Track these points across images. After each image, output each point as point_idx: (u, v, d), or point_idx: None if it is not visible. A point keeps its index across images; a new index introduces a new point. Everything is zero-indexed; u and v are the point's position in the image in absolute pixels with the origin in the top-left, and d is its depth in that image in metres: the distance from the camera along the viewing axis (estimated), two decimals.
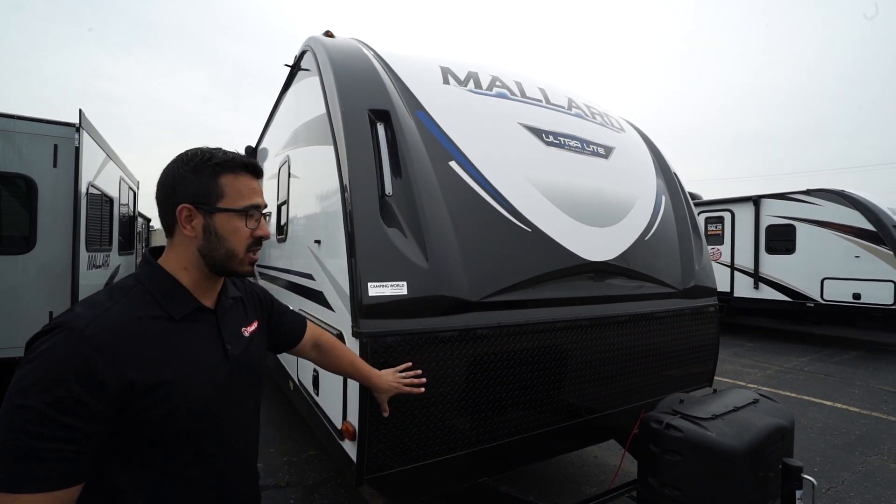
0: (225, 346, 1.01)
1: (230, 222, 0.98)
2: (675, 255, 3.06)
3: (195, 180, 0.95)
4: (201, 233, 0.96)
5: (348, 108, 2.13)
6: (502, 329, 2.09)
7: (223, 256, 0.98)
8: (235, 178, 0.98)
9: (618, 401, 2.59)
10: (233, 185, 0.98)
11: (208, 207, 0.96)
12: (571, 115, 2.99)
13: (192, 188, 0.95)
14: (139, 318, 0.88)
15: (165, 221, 0.98)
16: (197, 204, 0.95)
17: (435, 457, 1.95)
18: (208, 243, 0.96)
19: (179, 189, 0.95)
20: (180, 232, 0.96)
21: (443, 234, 2.03)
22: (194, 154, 0.97)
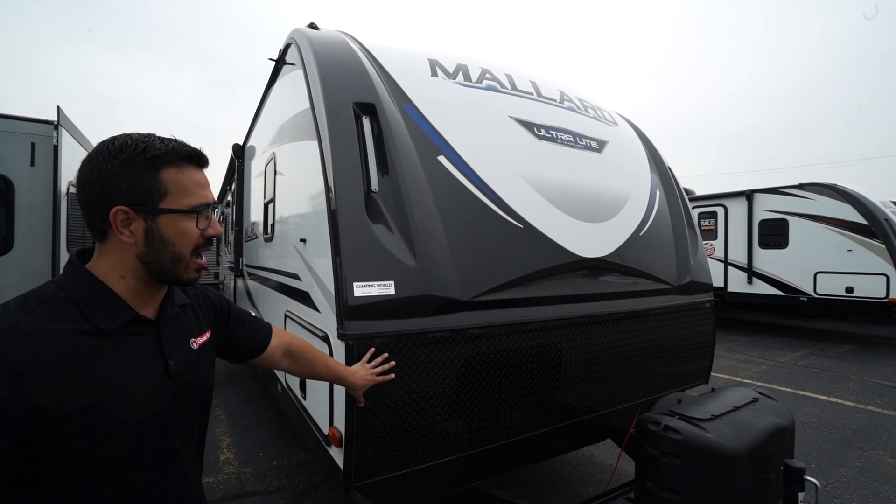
0: (166, 361, 0.88)
1: (177, 224, 0.85)
2: (670, 250, 3.00)
3: (129, 177, 0.80)
4: (142, 237, 0.83)
5: (332, 101, 2.05)
6: (494, 329, 2.03)
7: (169, 262, 0.85)
8: (179, 172, 0.85)
9: (614, 400, 2.54)
10: (177, 181, 0.84)
11: (150, 209, 0.82)
12: (563, 108, 2.92)
13: (128, 187, 0.80)
14: (58, 332, 0.74)
15: (94, 225, 0.83)
16: (135, 205, 0.81)
17: (426, 461, 1.89)
18: (151, 249, 0.84)
19: (110, 188, 0.80)
20: (115, 237, 0.82)
21: (431, 232, 1.96)
22: (123, 144, 0.81)
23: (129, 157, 0.80)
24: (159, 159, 0.82)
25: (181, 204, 0.85)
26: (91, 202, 0.81)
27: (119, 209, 0.80)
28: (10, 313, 0.73)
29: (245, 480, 3.40)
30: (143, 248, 0.83)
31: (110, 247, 0.84)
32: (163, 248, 0.84)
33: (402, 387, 1.78)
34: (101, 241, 0.84)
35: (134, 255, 0.83)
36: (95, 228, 0.83)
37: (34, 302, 0.76)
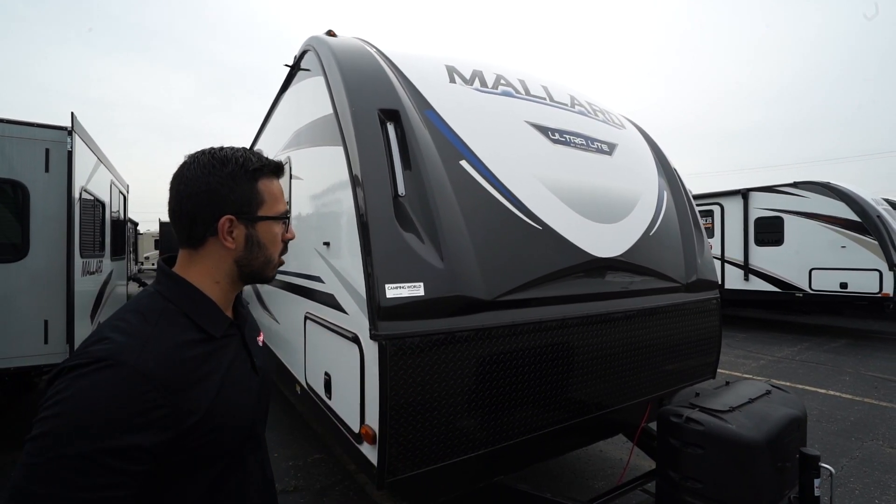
0: (252, 359, 0.96)
1: (270, 229, 0.93)
2: (678, 249, 3.09)
3: (235, 188, 0.87)
4: (243, 243, 0.90)
5: (358, 108, 2.11)
6: (517, 327, 2.10)
7: (261, 264, 0.93)
8: (270, 183, 0.93)
9: (626, 395, 2.62)
10: (269, 191, 0.92)
11: (251, 217, 0.90)
12: (575, 112, 3.00)
13: (234, 197, 0.87)
14: (184, 342, 0.80)
15: (195, 233, 0.88)
16: (239, 214, 0.88)
17: (454, 457, 1.95)
18: (249, 253, 0.91)
19: (218, 199, 0.86)
20: (215, 243, 0.88)
21: (457, 234, 2.02)
22: (225, 159, 0.88)
23: (233, 171, 0.87)
24: (258, 171, 0.90)
25: (273, 211, 0.93)
26: (198, 212, 0.86)
27: (227, 218, 0.87)
28: (139, 328, 0.77)
29: None
30: (241, 252, 0.90)
31: (206, 253, 0.89)
32: (259, 251, 0.92)
33: (432, 385, 1.85)
34: (194, 249, 0.90)
35: (232, 259, 0.90)
36: (195, 237, 0.88)
37: (153, 315, 0.81)
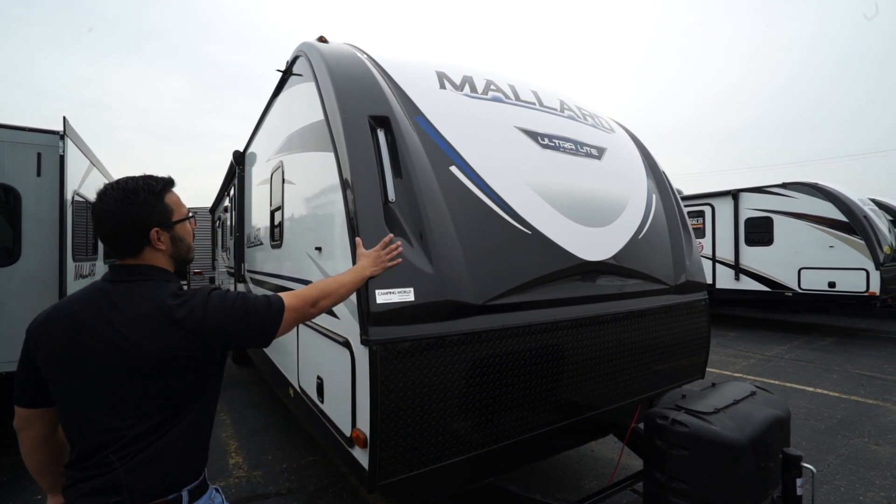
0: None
1: (184, 227, 1.28)
2: (666, 252, 3.14)
3: (152, 208, 1.18)
4: (169, 243, 1.23)
5: (349, 114, 2.13)
6: (507, 331, 2.13)
7: (185, 252, 1.29)
8: (171, 195, 1.25)
9: (616, 396, 2.66)
10: (173, 201, 1.25)
11: (169, 224, 1.22)
12: (564, 117, 3.03)
13: (153, 214, 1.18)
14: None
15: (133, 247, 1.18)
16: (161, 225, 1.20)
17: (446, 459, 1.98)
18: (175, 248, 1.25)
19: (143, 219, 1.16)
20: (151, 248, 1.20)
21: (446, 239, 2.05)
22: (136, 189, 1.16)
23: (146, 197, 1.17)
24: (163, 191, 1.22)
25: (181, 214, 1.27)
26: (129, 234, 1.16)
27: (154, 230, 1.18)
28: (191, 291, 1.19)
29: (256, 483, 3.46)
30: (171, 249, 1.24)
31: (146, 257, 1.20)
32: (181, 244, 1.27)
33: (423, 389, 1.87)
34: (137, 256, 1.19)
35: (166, 255, 1.24)
36: (135, 249, 1.18)
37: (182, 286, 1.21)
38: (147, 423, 1.08)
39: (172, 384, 1.11)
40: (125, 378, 1.06)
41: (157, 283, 1.16)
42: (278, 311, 1.26)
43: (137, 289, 1.13)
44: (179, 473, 1.13)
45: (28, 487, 3.42)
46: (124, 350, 1.05)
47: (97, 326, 1.07)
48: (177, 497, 1.11)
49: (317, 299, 1.41)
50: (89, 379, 1.07)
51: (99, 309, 1.09)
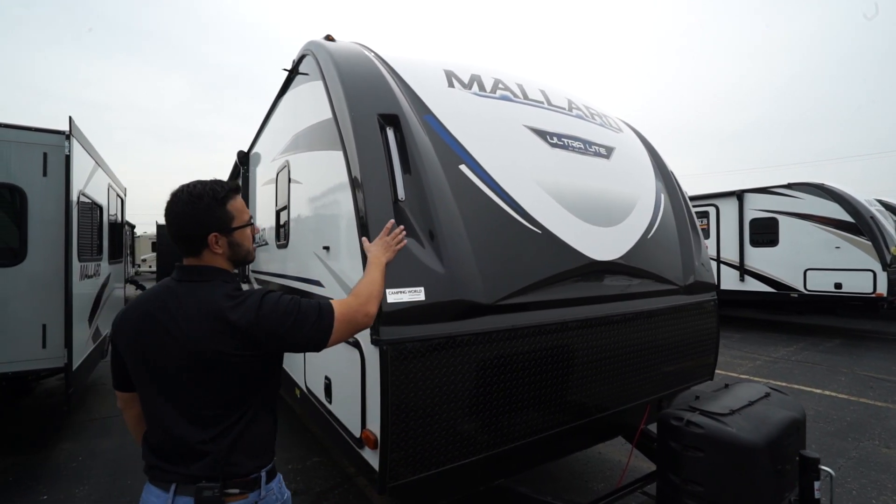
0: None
1: (243, 233, 1.33)
2: (675, 252, 3.11)
3: (213, 214, 1.25)
4: (227, 247, 1.29)
5: (357, 113, 2.11)
6: (517, 331, 2.11)
7: (243, 256, 1.35)
8: (235, 202, 1.30)
9: (626, 398, 2.63)
10: (235, 208, 1.30)
11: (228, 230, 1.28)
12: (573, 116, 3.01)
13: (213, 220, 1.25)
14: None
15: (194, 248, 1.27)
16: (220, 230, 1.26)
17: (456, 461, 1.96)
18: (233, 252, 1.31)
19: (203, 224, 1.24)
20: (209, 251, 1.26)
21: (457, 238, 2.03)
22: (200, 194, 1.24)
23: (209, 203, 1.24)
24: (226, 198, 1.27)
25: (241, 221, 1.32)
26: (191, 235, 1.25)
27: (213, 235, 1.25)
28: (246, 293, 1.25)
29: None
30: (228, 252, 1.30)
31: (206, 258, 1.28)
32: (239, 249, 1.32)
33: (434, 389, 1.85)
34: (198, 257, 1.27)
35: (224, 258, 1.31)
36: (195, 251, 1.27)
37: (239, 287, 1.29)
38: (220, 410, 1.18)
39: (230, 379, 1.18)
40: (187, 370, 1.16)
41: (216, 284, 1.23)
42: (328, 319, 1.29)
43: (198, 289, 1.21)
44: (258, 456, 1.23)
45: (33, 487, 3.41)
46: (184, 345, 1.15)
47: (164, 321, 1.18)
48: (256, 477, 1.22)
49: (365, 304, 1.46)
50: (158, 368, 1.18)
51: (166, 305, 1.20)
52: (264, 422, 1.27)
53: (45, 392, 5.77)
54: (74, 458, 3.91)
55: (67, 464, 3.80)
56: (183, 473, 1.15)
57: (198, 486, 1.13)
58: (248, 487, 1.19)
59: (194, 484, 1.13)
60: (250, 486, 1.19)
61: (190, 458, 1.16)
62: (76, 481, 3.50)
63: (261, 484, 1.21)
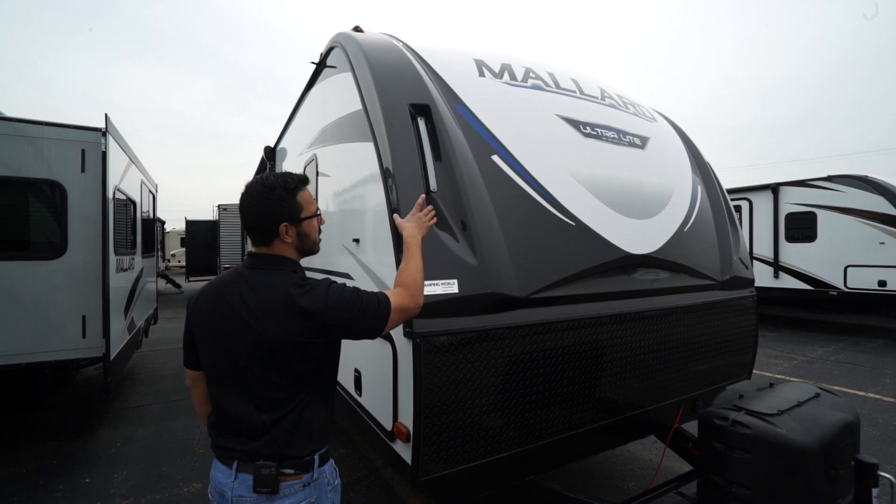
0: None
1: (311, 223, 1.39)
2: (713, 246, 3.00)
3: (284, 205, 1.31)
4: (296, 237, 1.36)
5: (388, 103, 2.09)
6: (551, 325, 2.06)
7: (310, 246, 1.41)
8: (304, 192, 1.38)
9: (660, 396, 2.55)
10: (304, 199, 1.37)
11: (297, 220, 1.34)
12: (605, 105, 2.92)
13: (284, 210, 1.31)
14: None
15: (266, 237, 1.33)
16: (290, 220, 1.32)
17: (488, 456, 1.93)
18: (301, 242, 1.37)
19: (275, 214, 1.30)
20: (280, 240, 1.33)
21: (489, 230, 1.99)
22: (273, 185, 1.31)
23: (280, 193, 1.30)
24: (296, 189, 1.34)
25: (310, 212, 1.38)
26: (264, 225, 1.31)
27: (283, 224, 1.31)
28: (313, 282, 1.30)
29: None
30: (297, 242, 1.37)
31: (276, 247, 1.34)
32: (307, 239, 1.39)
33: (467, 383, 1.82)
34: (269, 246, 1.34)
35: (293, 248, 1.37)
36: (268, 240, 1.33)
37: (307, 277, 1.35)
38: (282, 393, 1.24)
39: (298, 363, 1.24)
40: (258, 354, 1.22)
41: (286, 274, 1.29)
42: (386, 309, 1.33)
43: (269, 277, 1.28)
44: (314, 440, 1.29)
45: (75, 471, 3.54)
46: (254, 330, 1.21)
47: (236, 306, 1.24)
48: (310, 460, 1.27)
49: (415, 294, 1.48)
50: (228, 351, 1.25)
51: (239, 291, 1.27)
52: (321, 408, 1.32)
53: (83, 381, 6.00)
54: (112, 444, 4.05)
55: (106, 450, 3.94)
56: (244, 451, 1.22)
57: (256, 464, 1.19)
58: (303, 469, 1.24)
59: (253, 462, 1.20)
60: (304, 467, 1.25)
61: (250, 437, 1.23)
62: (115, 466, 3.62)
63: (314, 466, 1.27)
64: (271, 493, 1.19)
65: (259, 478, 1.18)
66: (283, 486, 1.21)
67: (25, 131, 3.56)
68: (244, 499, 1.20)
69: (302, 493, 1.24)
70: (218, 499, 1.27)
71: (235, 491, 1.21)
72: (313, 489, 1.27)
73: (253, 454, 1.21)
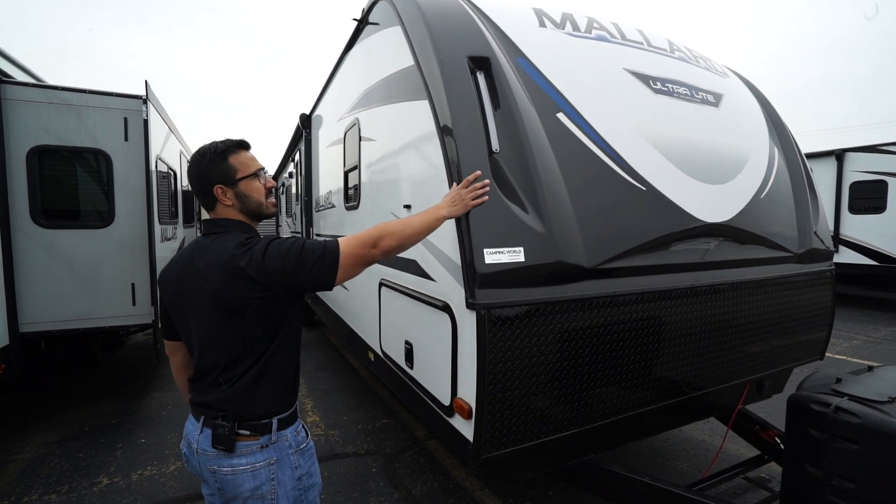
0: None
1: (250, 185, 1.35)
2: (790, 215, 2.73)
3: (213, 167, 1.31)
4: (234, 199, 1.34)
5: (445, 56, 1.91)
6: (618, 298, 1.90)
7: (255, 207, 1.37)
8: (238, 155, 1.35)
9: (728, 375, 2.38)
10: (239, 161, 1.34)
11: (231, 181, 1.32)
12: (675, 58, 2.64)
13: (217, 172, 1.31)
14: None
15: (208, 202, 1.36)
16: (224, 182, 1.31)
17: (549, 434, 1.83)
18: (243, 204, 1.35)
19: (208, 178, 1.31)
20: (220, 204, 1.34)
21: (556, 195, 1.82)
22: (204, 151, 1.32)
23: (211, 157, 1.31)
24: (225, 152, 1.32)
25: (246, 173, 1.35)
26: (202, 190, 1.34)
27: (217, 186, 1.31)
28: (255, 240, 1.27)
29: (334, 443, 3.52)
30: (238, 204, 1.35)
31: (220, 212, 1.36)
32: (249, 200, 1.35)
33: (530, 358, 1.70)
34: (213, 210, 1.36)
35: (236, 210, 1.36)
36: (209, 204, 1.36)
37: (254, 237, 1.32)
38: (235, 354, 1.26)
39: (249, 323, 1.25)
40: (210, 315, 1.25)
41: (234, 235, 1.29)
42: (333, 254, 1.27)
43: (218, 240, 1.28)
44: (268, 403, 1.29)
45: (132, 431, 3.69)
46: (207, 292, 1.23)
47: (192, 271, 1.28)
48: (268, 423, 1.28)
49: (377, 240, 1.37)
50: (192, 315, 1.29)
51: (193, 257, 1.30)
52: (280, 371, 1.32)
53: (133, 346, 6.26)
54: (164, 407, 4.20)
55: (158, 412, 4.09)
56: (205, 407, 1.29)
57: (214, 422, 1.25)
58: (259, 431, 1.27)
59: (213, 420, 1.26)
60: (260, 430, 1.27)
61: (210, 394, 1.29)
62: (168, 428, 3.75)
63: (271, 429, 1.29)
64: (227, 451, 1.25)
65: (216, 436, 1.25)
66: (239, 446, 1.25)
67: (70, 100, 3.56)
68: (206, 452, 1.27)
69: (260, 455, 1.27)
70: (186, 449, 1.35)
71: (200, 445, 1.28)
72: (272, 450, 1.29)
73: (212, 410, 1.27)
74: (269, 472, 1.29)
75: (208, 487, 1.36)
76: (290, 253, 1.23)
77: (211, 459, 1.27)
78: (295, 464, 1.34)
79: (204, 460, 1.28)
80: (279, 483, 1.30)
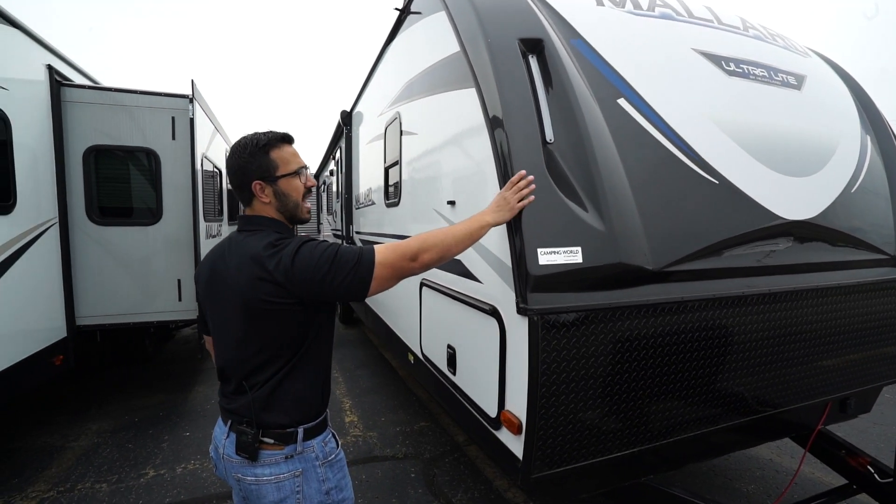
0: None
1: (290, 183, 1.27)
2: (886, 212, 2.40)
3: (255, 162, 1.22)
4: (273, 197, 1.26)
5: (495, 38, 1.76)
6: (687, 304, 1.69)
7: (293, 208, 1.29)
8: (280, 150, 1.26)
9: (808, 393, 2.11)
10: (280, 157, 1.25)
11: (271, 178, 1.24)
12: (750, 37, 2.37)
13: (255, 168, 1.23)
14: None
15: (245, 198, 1.28)
16: (264, 178, 1.24)
17: (607, 454, 1.65)
18: (280, 203, 1.27)
19: (247, 172, 1.23)
20: (258, 201, 1.26)
21: (618, 189, 1.63)
22: (245, 143, 1.24)
23: (252, 150, 1.22)
24: (267, 145, 1.24)
25: (287, 170, 1.26)
26: (240, 184, 1.26)
27: (256, 182, 1.24)
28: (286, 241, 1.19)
29: (373, 445, 3.45)
30: (275, 202, 1.27)
31: (256, 209, 1.28)
32: (287, 200, 1.27)
33: (588, 370, 1.53)
34: (250, 206, 1.28)
35: (273, 209, 1.27)
36: (246, 200, 1.28)
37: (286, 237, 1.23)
38: (261, 358, 1.19)
39: (275, 327, 1.18)
40: (238, 316, 1.18)
41: (264, 234, 1.22)
42: (367, 265, 1.17)
43: (249, 238, 1.22)
44: (294, 411, 1.22)
45: (178, 423, 3.78)
46: (235, 291, 1.18)
47: (223, 269, 1.23)
48: (292, 432, 1.21)
49: (417, 253, 1.25)
50: (220, 314, 1.25)
51: (224, 255, 1.25)
52: (305, 380, 1.25)
53: (182, 339, 6.49)
54: (208, 400, 4.29)
55: (203, 405, 4.17)
56: (230, 412, 1.24)
57: (239, 428, 1.20)
58: (283, 440, 1.21)
59: (238, 426, 1.21)
60: (285, 439, 1.21)
61: (235, 399, 1.23)
62: (211, 422, 3.81)
63: (296, 439, 1.22)
64: (250, 460, 1.19)
65: (240, 443, 1.20)
66: (262, 455, 1.20)
67: (122, 100, 3.68)
68: (231, 459, 1.22)
69: (284, 465, 1.21)
70: (214, 453, 1.30)
71: (226, 450, 1.23)
72: (297, 461, 1.22)
73: (238, 416, 1.22)
74: (294, 485, 1.22)
75: (236, 494, 1.33)
76: (321, 260, 1.14)
77: (235, 467, 1.22)
78: (322, 476, 1.26)
79: (230, 467, 1.24)
80: (304, 497, 1.23)
